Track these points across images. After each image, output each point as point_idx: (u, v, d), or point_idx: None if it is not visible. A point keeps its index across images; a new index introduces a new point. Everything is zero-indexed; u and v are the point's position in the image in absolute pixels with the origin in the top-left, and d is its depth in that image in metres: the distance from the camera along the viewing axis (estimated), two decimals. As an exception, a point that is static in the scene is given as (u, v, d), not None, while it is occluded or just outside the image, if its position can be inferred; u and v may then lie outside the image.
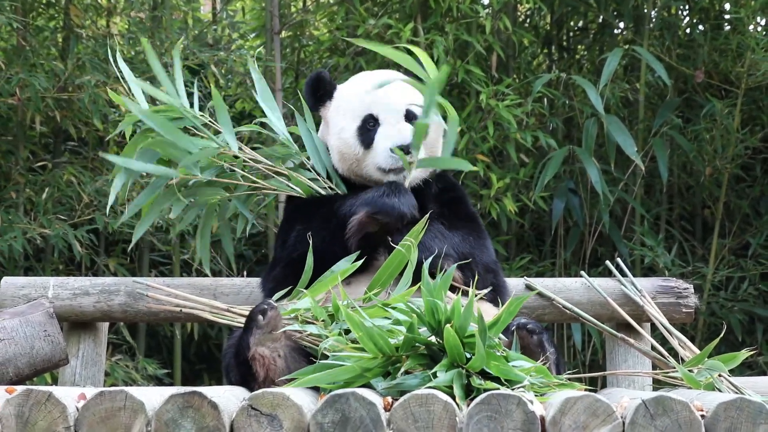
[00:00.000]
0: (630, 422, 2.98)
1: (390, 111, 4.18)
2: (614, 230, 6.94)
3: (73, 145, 7.09)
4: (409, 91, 4.21)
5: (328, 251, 3.97)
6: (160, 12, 6.66)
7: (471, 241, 4.14)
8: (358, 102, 4.22)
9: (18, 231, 6.09)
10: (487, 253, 4.20)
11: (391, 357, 3.36)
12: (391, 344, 3.35)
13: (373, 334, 3.33)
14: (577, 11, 7.48)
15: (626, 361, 4.53)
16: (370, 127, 4.19)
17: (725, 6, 7.35)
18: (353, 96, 4.25)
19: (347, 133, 4.20)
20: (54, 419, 2.95)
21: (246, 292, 4.50)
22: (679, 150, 7.05)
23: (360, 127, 4.19)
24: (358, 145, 4.18)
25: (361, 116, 4.20)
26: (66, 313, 4.46)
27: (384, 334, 3.35)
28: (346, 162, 4.22)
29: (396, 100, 4.20)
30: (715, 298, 6.93)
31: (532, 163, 6.89)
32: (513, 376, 3.29)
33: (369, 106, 4.20)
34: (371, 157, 4.16)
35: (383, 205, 3.98)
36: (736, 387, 3.76)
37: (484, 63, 6.93)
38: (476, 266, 4.08)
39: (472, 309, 3.32)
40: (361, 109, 4.20)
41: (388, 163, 4.12)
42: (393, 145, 4.08)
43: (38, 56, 6.44)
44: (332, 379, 3.34)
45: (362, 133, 4.18)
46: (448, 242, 4.03)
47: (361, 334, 3.35)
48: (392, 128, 4.14)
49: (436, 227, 4.04)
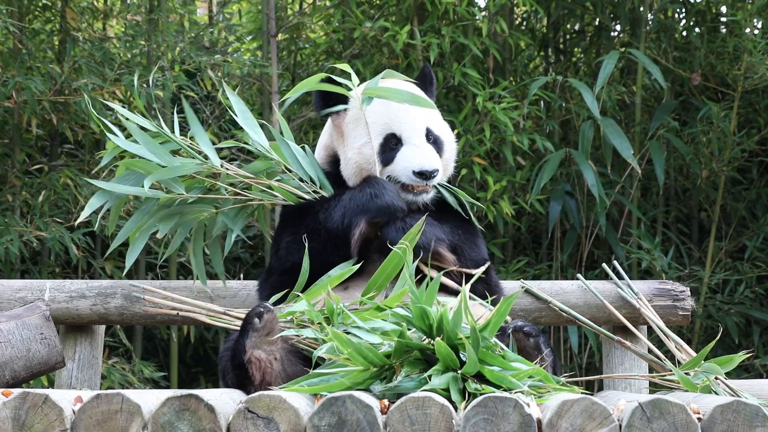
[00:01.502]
0: (627, 425, 2.98)
1: (413, 131, 4.20)
2: (611, 233, 6.94)
3: (69, 147, 7.08)
4: (428, 110, 4.24)
5: (322, 260, 3.99)
6: (157, 15, 6.65)
7: (461, 235, 4.16)
8: (380, 118, 4.22)
9: (14, 234, 6.08)
10: (476, 250, 4.21)
11: (384, 366, 3.35)
12: (381, 355, 3.34)
13: (361, 349, 3.33)
14: (573, 14, 7.48)
15: (623, 363, 4.53)
16: (392, 146, 4.20)
17: (722, 9, 7.36)
18: (374, 111, 4.23)
19: (368, 150, 4.19)
20: (50, 422, 2.95)
21: (242, 295, 4.50)
22: (675, 153, 7.05)
23: (382, 145, 4.20)
24: (377, 162, 4.18)
25: (383, 134, 4.20)
26: (62, 315, 4.46)
27: (372, 346, 3.35)
28: (362, 174, 4.22)
29: (418, 120, 4.22)
30: (712, 300, 6.93)
31: (529, 165, 6.89)
32: (507, 383, 3.28)
33: (391, 125, 4.21)
34: (390, 171, 4.18)
35: (378, 209, 4.01)
36: (732, 390, 3.76)
37: (481, 66, 6.94)
38: (464, 260, 4.11)
39: (461, 313, 3.32)
40: (383, 127, 4.21)
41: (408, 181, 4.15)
42: (417, 169, 4.12)
43: (34, 59, 6.43)
44: (324, 390, 3.34)
45: (384, 151, 4.19)
46: (440, 230, 4.06)
47: (349, 350, 3.35)
48: (416, 150, 4.17)
49: (429, 218, 4.06)
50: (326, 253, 4.01)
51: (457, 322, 3.30)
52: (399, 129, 4.20)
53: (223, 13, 7.51)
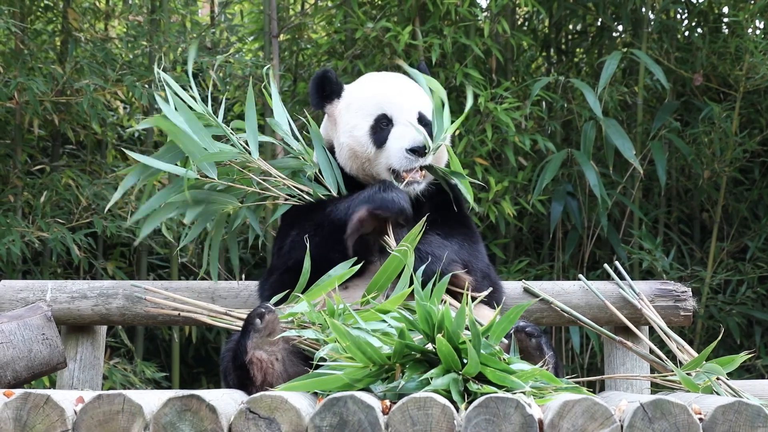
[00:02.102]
0: (628, 425, 2.98)
1: (404, 112, 4.17)
2: (612, 233, 6.94)
3: (71, 148, 7.09)
4: (420, 95, 4.23)
5: (324, 256, 3.96)
6: (158, 15, 6.66)
7: (467, 248, 4.14)
8: (371, 101, 4.21)
9: (16, 234, 6.09)
10: (481, 258, 4.20)
11: (384, 366, 3.34)
12: (381, 353, 3.33)
13: (360, 344, 3.32)
14: (575, 14, 7.49)
15: (624, 364, 4.53)
16: (383, 126, 4.17)
17: (724, 9, 7.36)
18: (366, 95, 4.24)
19: (359, 132, 4.18)
20: (52, 422, 2.95)
21: (244, 295, 4.50)
22: (677, 153, 7.05)
23: (373, 126, 4.18)
24: (370, 144, 4.16)
25: (374, 115, 4.19)
26: (64, 316, 4.46)
27: (372, 343, 3.34)
28: (357, 161, 4.21)
29: (410, 102, 4.20)
30: (714, 301, 6.93)
31: (531, 166, 6.89)
32: (509, 383, 3.28)
33: (382, 105, 4.19)
34: (384, 157, 4.15)
35: (382, 200, 3.96)
36: (734, 390, 3.76)
37: (483, 66, 6.94)
38: (474, 273, 4.08)
39: (464, 314, 3.31)
40: (374, 108, 4.19)
41: (401, 165, 4.11)
42: (408, 146, 4.08)
43: (36, 60, 6.44)
44: (322, 388, 3.33)
45: (375, 132, 4.17)
46: (449, 249, 4.02)
47: (348, 343, 3.34)
48: (407, 129, 4.12)
49: (435, 236, 4.03)
50: (327, 248, 3.99)
51: (459, 323, 3.29)
52: (390, 109, 4.18)
53: (225, 14, 7.52)
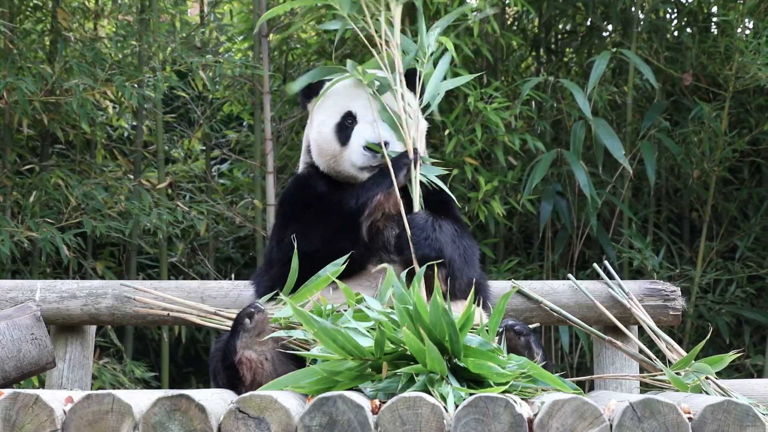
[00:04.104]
0: (617, 425, 2.98)
1: (368, 109, 4.18)
2: (602, 233, 6.95)
3: (60, 148, 7.07)
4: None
5: (332, 247, 3.95)
6: (148, 15, 6.64)
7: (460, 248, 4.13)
8: (339, 98, 4.22)
9: (5, 234, 6.07)
10: (473, 267, 4.18)
11: (366, 360, 3.34)
12: (360, 346, 3.32)
13: (335, 336, 3.31)
14: (565, 14, 7.49)
15: (614, 363, 4.54)
16: (348, 124, 4.19)
17: (713, 9, 7.37)
18: (335, 92, 4.25)
19: (326, 128, 4.21)
20: (41, 422, 2.95)
21: (233, 295, 4.49)
22: (666, 153, 7.06)
23: (338, 123, 4.20)
24: (335, 141, 4.18)
25: (341, 112, 4.20)
26: (53, 316, 4.45)
27: (350, 337, 3.32)
28: (323, 157, 4.23)
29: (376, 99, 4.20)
30: (703, 300, 6.95)
31: (520, 166, 6.89)
32: (495, 377, 3.27)
33: (348, 103, 4.21)
34: (347, 154, 4.16)
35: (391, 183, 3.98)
36: (723, 389, 3.76)
37: (472, 66, 6.93)
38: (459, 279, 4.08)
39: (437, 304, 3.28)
40: (341, 106, 4.21)
41: (361, 161, 4.12)
42: (364, 142, 4.10)
43: (25, 59, 6.41)
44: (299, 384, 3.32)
45: (340, 129, 4.19)
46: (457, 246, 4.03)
47: (324, 337, 3.33)
48: (368, 126, 4.13)
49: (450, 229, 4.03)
50: (336, 237, 3.98)
51: (436, 315, 3.27)
52: (355, 107, 4.19)
53: (214, 13, 7.50)
